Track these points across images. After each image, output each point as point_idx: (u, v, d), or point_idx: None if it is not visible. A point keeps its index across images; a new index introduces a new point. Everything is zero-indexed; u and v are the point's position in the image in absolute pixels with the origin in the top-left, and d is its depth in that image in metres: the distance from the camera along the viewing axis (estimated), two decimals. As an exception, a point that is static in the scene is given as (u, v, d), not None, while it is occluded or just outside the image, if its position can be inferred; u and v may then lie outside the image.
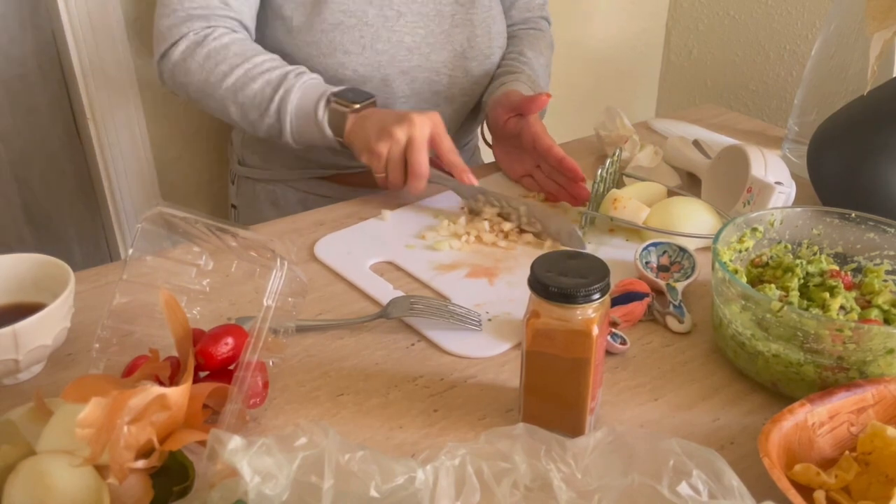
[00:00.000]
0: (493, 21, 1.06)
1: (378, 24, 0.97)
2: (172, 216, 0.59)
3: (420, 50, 1.00)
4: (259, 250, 0.64)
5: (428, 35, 1.00)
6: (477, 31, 1.03)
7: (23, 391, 0.62)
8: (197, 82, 0.93)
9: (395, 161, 0.85)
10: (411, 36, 0.99)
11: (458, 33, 1.02)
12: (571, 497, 0.44)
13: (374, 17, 0.97)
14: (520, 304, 0.60)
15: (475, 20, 1.03)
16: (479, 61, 1.05)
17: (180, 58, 0.92)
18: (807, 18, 1.59)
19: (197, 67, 0.92)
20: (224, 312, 0.71)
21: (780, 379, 0.61)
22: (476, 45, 1.04)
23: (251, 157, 1.12)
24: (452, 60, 1.03)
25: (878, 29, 0.73)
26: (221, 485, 0.43)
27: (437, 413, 0.61)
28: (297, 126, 0.90)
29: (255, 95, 0.90)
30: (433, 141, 0.85)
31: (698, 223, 0.81)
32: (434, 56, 1.01)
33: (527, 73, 1.05)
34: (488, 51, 1.05)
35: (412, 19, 0.99)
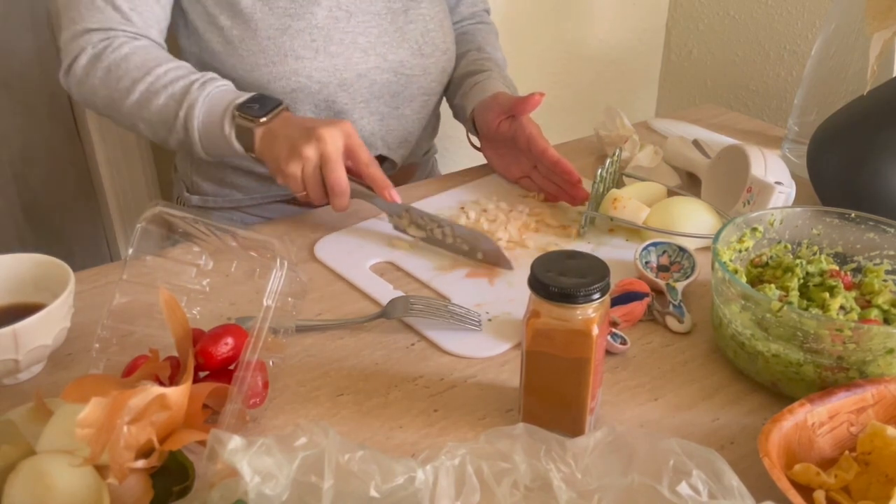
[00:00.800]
0: (444, 15, 1.03)
1: (329, 26, 0.92)
2: (172, 216, 0.59)
3: (375, 49, 0.96)
4: (259, 250, 0.64)
5: (382, 34, 0.96)
6: (430, 25, 1.00)
7: (23, 391, 0.62)
8: (102, 98, 0.88)
9: (311, 180, 0.80)
10: (364, 36, 0.95)
11: (412, 29, 0.98)
12: (571, 497, 0.44)
13: (323, 18, 0.92)
14: (520, 304, 0.60)
15: (427, 15, 1.00)
16: (437, 57, 1.01)
17: (82, 73, 0.87)
18: (807, 18, 1.59)
19: (99, 83, 0.87)
20: (224, 312, 0.71)
21: (780, 379, 0.61)
22: (431, 40, 1.00)
23: (203, 185, 1.04)
24: (410, 59, 0.99)
25: (878, 29, 0.73)
26: (221, 485, 0.43)
27: (437, 413, 0.61)
28: (207, 142, 0.85)
29: (160, 111, 0.85)
30: (349, 154, 0.80)
31: (698, 223, 0.81)
32: (391, 55, 0.97)
33: (495, 70, 1.03)
34: (444, 46, 1.02)
35: (363, 18, 0.95)
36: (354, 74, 0.95)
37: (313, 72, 0.92)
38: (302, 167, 0.79)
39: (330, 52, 0.93)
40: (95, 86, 0.87)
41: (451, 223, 0.80)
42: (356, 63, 0.95)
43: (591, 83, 1.79)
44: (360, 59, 0.95)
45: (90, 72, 0.86)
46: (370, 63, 0.96)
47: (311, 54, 0.92)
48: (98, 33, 0.87)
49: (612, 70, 1.81)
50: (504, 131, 0.94)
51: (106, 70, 0.86)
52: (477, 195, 0.94)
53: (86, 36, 0.87)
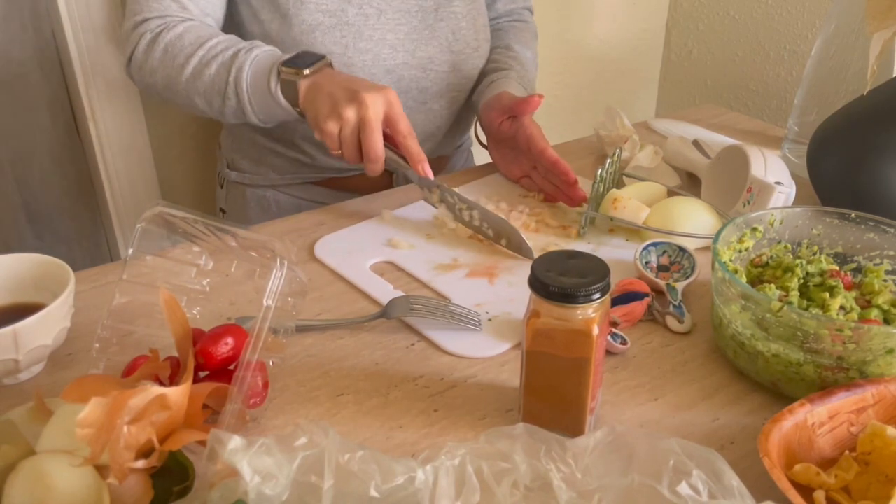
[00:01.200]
0: (477, 13, 1.04)
1: (359, 23, 0.95)
2: (172, 216, 0.59)
3: (404, 46, 0.98)
4: (259, 250, 0.64)
5: (411, 31, 0.98)
6: (461, 23, 1.01)
7: (23, 391, 0.62)
8: (162, 80, 0.91)
9: (348, 142, 0.81)
10: (394, 33, 0.97)
11: (442, 27, 1.00)
12: (571, 497, 0.44)
13: (353, 15, 0.95)
14: (520, 303, 0.60)
15: (459, 13, 1.01)
16: (467, 55, 1.03)
17: (142, 58, 0.91)
18: (807, 18, 1.59)
19: (158, 64, 0.90)
20: (224, 312, 0.71)
21: (780, 379, 0.61)
22: (462, 38, 1.02)
23: (241, 162, 1.09)
24: (439, 56, 1.01)
25: (878, 29, 0.73)
26: (221, 485, 0.43)
27: (437, 413, 0.61)
28: (258, 104, 0.87)
29: (213, 81, 0.87)
30: (388, 122, 0.81)
31: (698, 223, 0.81)
32: (419, 52, 0.99)
33: (516, 69, 1.04)
34: (475, 44, 1.04)
35: (393, 16, 0.97)
36: (382, 70, 0.97)
37: (342, 67, 0.95)
38: (340, 127, 0.80)
39: (359, 48, 0.95)
40: (154, 67, 0.90)
41: (480, 206, 0.82)
42: (384, 59, 0.97)
43: (591, 83, 1.79)
44: (388, 55, 0.97)
45: (149, 55, 0.90)
46: (398, 59, 0.98)
47: (341, 50, 0.94)
48: (155, 20, 0.91)
49: (612, 70, 1.81)
50: (505, 130, 0.95)
51: (163, 50, 0.89)
52: (477, 195, 0.94)
53: (144, 24, 0.91)
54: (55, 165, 1.23)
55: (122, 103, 1.18)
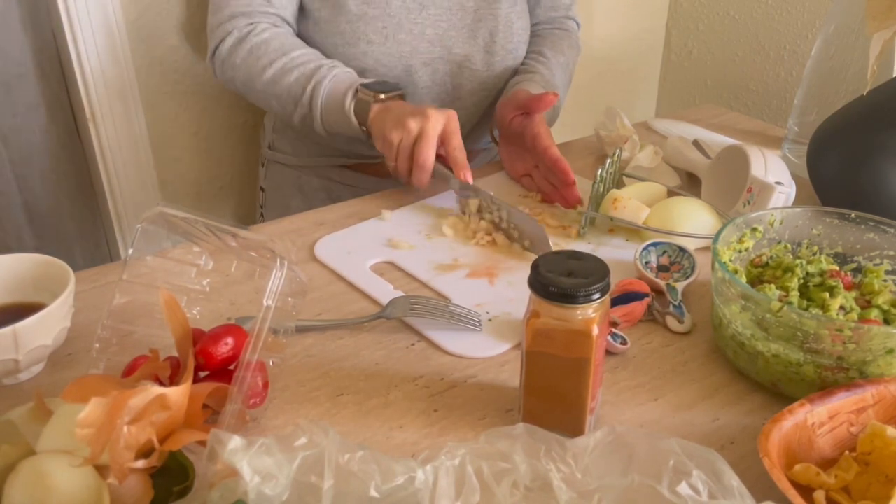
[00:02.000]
0: (516, 17, 1.07)
1: (401, 16, 1.00)
2: (172, 216, 0.59)
3: (442, 42, 1.03)
4: (259, 250, 0.64)
5: (450, 28, 1.03)
6: (500, 25, 1.05)
7: (23, 391, 0.62)
8: (242, 76, 0.99)
9: (404, 151, 0.87)
10: (433, 28, 1.02)
11: (481, 27, 1.04)
12: (571, 497, 0.44)
13: (397, 8, 1.00)
14: (520, 304, 0.60)
15: (499, 15, 1.04)
16: (502, 56, 1.06)
17: (227, 54, 0.98)
18: (807, 18, 1.59)
19: (241, 62, 0.98)
20: (224, 312, 0.71)
21: (780, 379, 0.61)
22: (498, 39, 1.05)
23: (281, 143, 1.16)
24: (475, 54, 1.05)
25: (878, 29, 0.73)
26: (221, 485, 0.43)
27: (437, 413, 0.61)
28: (327, 115, 0.94)
29: (291, 87, 0.95)
30: (444, 136, 0.87)
31: (698, 223, 0.81)
32: (456, 49, 1.04)
33: (542, 72, 1.06)
34: (510, 45, 1.07)
35: (435, 12, 1.02)
36: (420, 62, 1.02)
37: (381, 56, 1.00)
38: (401, 137, 0.86)
39: (399, 39, 1.00)
40: (237, 65, 0.98)
41: (511, 208, 0.84)
42: (422, 52, 1.02)
43: (591, 83, 1.79)
44: (426, 48, 1.02)
45: (234, 52, 0.98)
46: (435, 54, 1.03)
47: (382, 40, 1.00)
48: (243, 18, 0.98)
49: (612, 70, 1.81)
50: (516, 126, 0.96)
51: (248, 51, 0.97)
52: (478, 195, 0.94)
53: (232, 21, 0.98)
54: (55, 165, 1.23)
55: (122, 103, 1.18)
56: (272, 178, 1.18)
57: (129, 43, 1.16)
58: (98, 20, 1.12)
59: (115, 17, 1.13)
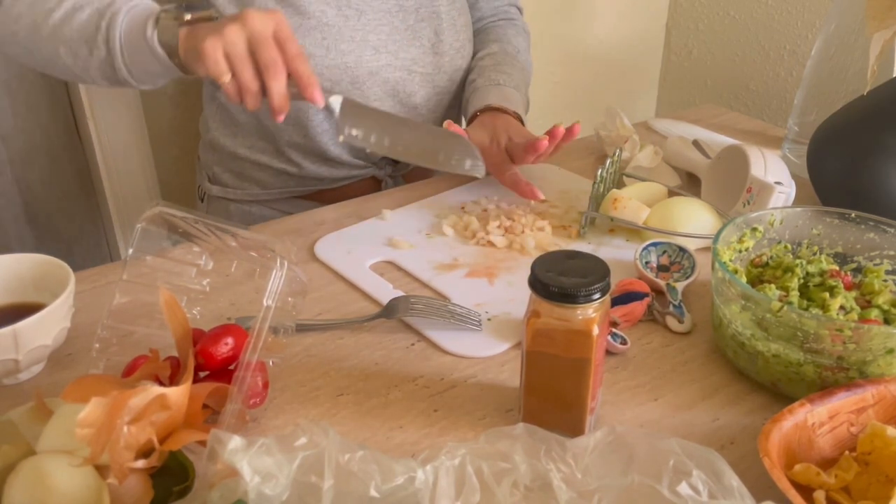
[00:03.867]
0: (458, 13, 1.03)
1: (339, 24, 0.93)
2: (172, 216, 0.59)
3: (387, 48, 0.96)
4: (259, 250, 0.64)
5: (393, 31, 0.97)
6: (444, 23, 1.00)
7: (23, 391, 0.62)
8: (25, 27, 0.81)
9: (240, 57, 0.70)
10: (375, 34, 0.95)
11: (424, 27, 0.99)
12: (571, 497, 0.44)
13: (333, 17, 0.93)
14: (520, 303, 0.60)
15: (440, 12, 1.00)
16: (451, 56, 1.02)
17: (9, 3, 0.82)
18: (807, 18, 1.59)
19: (26, 9, 0.81)
20: (224, 312, 0.71)
21: (780, 379, 0.61)
22: (445, 38, 1.00)
23: (222, 175, 1.06)
24: (422, 57, 0.99)
25: (878, 29, 0.73)
26: (221, 485, 0.43)
27: (437, 413, 0.61)
28: (129, 53, 0.78)
29: (83, 26, 0.79)
30: (277, 41, 0.71)
31: (698, 223, 0.81)
32: (402, 53, 0.98)
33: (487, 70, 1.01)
34: (458, 44, 1.02)
35: (374, 17, 0.95)
36: (366, 72, 0.96)
37: (324, 69, 0.93)
38: (224, 44, 0.69)
39: (341, 49, 0.93)
40: (21, 13, 0.81)
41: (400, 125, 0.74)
42: (367, 61, 0.95)
43: (591, 83, 1.79)
44: (371, 56, 0.95)
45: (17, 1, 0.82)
46: (381, 61, 0.96)
47: (323, 52, 0.92)
48: None
49: (612, 70, 1.81)
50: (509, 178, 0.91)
51: None
52: (477, 195, 0.94)
53: None
54: (55, 165, 1.23)
55: (122, 103, 1.18)
56: (215, 213, 1.06)
57: (129, 43, 1.16)
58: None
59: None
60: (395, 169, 1.07)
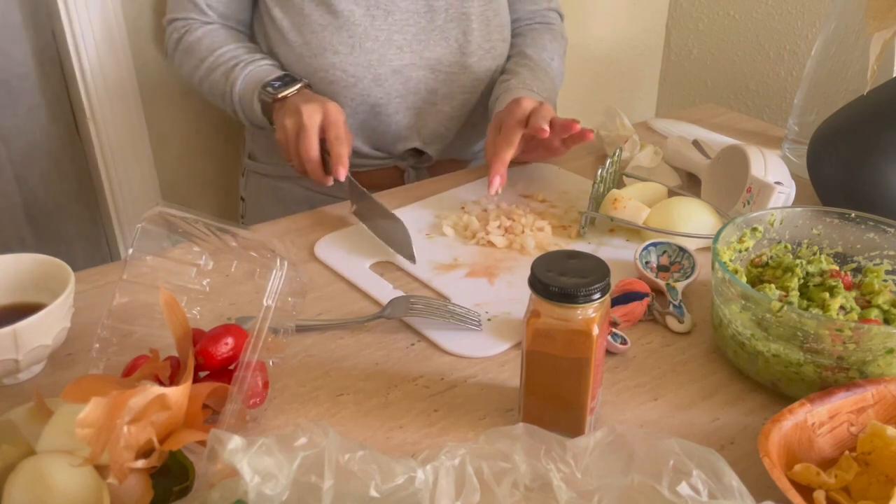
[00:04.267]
0: (493, 14, 1.03)
1: (366, 24, 0.97)
2: (172, 216, 0.59)
3: (411, 47, 0.99)
4: (259, 250, 0.64)
5: (419, 32, 0.99)
6: (473, 24, 1.01)
7: (23, 391, 0.62)
8: (185, 75, 1.04)
9: (292, 148, 0.89)
10: (401, 34, 0.98)
11: (452, 28, 1.00)
12: (571, 497, 0.44)
13: (361, 16, 0.97)
14: (520, 303, 0.60)
15: (471, 13, 1.01)
16: (479, 56, 1.03)
17: (170, 54, 1.05)
18: (807, 18, 1.59)
19: (179, 63, 1.04)
20: (224, 312, 0.71)
21: (780, 379, 0.61)
22: (473, 39, 1.01)
23: (258, 152, 1.15)
24: (448, 56, 1.01)
25: (878, 29, 0.73)
26: (221, 485, 0.43)
27: (437, 413, 0.61)
28: (248, 115, 0.97)
29: (216, 86, 0.99)
30: (323, 129, 0.87)
31: (698, 223, 0.81)
32: (427, 53, 1.00)
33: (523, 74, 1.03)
34: (487, 45, 1.03)
35: (402, 17, 0.98)
36: (389, 70, 0.99)
37: (348, 66, 0.98)
38: (284, 136, 0.89)
39: (365, 48, 0.98)
40: (180, 64, 1.04)
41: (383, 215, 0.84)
42: (391, 59, 0.99)
43: (591, 83, 1.79)
44: (394, 55, 0.99)
45: (175, 52, 1.04)
46: (405, 60, 1.00)
47: (348, 50, 0.97)
48: (180, 22, 1.03)
49: (612, 70, 1.81)
50: None
51: (184, 51, 1.02)
52: (478, 195, 0.94)
53: (172, 24, 1.04)
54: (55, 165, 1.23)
55: (122, 103, 1.18)
56: (252, 188, 1.16)
57: (129, 43, 1.16)
58: (98, 20, 1.12)
59: (115, 17, 1.13)
60: (418, 161, 1.09)
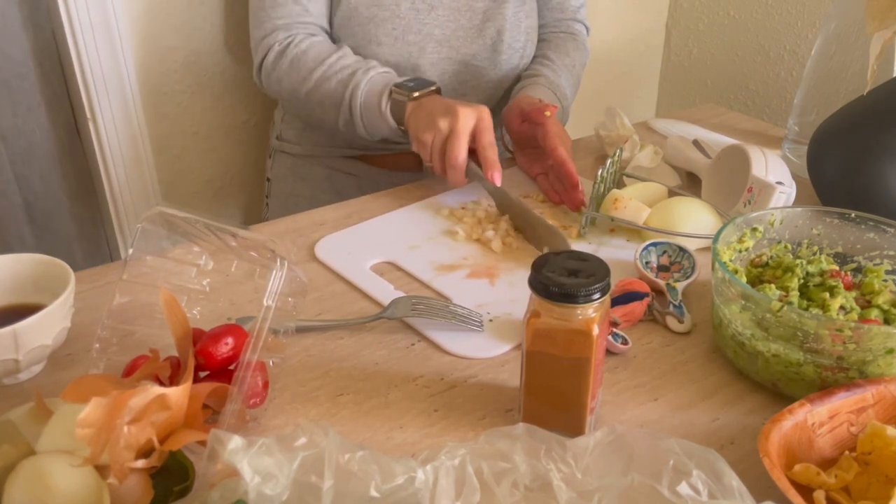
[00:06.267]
0: (524, 16, 1.08)
1: (410, 17, 1.02)
2: (172, 216, 0.59)
3: (450, 43, 1.05)
4: (259, 250, 0.64)
5: (458, 28, 1.05)
6: (507, 24, 1.06)
7: (23, 391, 0.62)
8: (286, 90, 1.02)
9: (437, 151, 0.89)
10: (441, 29, 1.04)
11: (489, 27, 1.06)
12: (571, 497, 0.44)
13: (406, 10, 1.02)
14: (521, 304, 0.60)
15: (507, 14, 1.06)
16: (509, 55, 1.08)
17: (270, 67, 1.02)
18: (807, 18, 1.59)
19: (283, 76, 1.01)
20: (224, 312, 0.71)
21: (780, 379, 0.61)
22: (505, 38, 1.06)
23: (288, 133, 1.17)
24: (482, 52, 1.06)
25: (878, 29, 0.73)
26: (221, 485, 0.43)
27: (437, 413, 0.61)
28: (368, 119, 0.97)
29: (331, 94, 0.98)
30: (475, 134, 0.88)
31: (699, 223, 0.81)
32: (464, 49, 1.06)
33: (546, 75, 1.07)
34: (518, 44, 1.08)
35: (443, 13, 1.04)
36: (427, 62, 1.05)
37: (389, 57, 1.03)
38: (433, 137, 0.88)
39: (407, 40, 1.03)
40: (280, 77, 1.02)
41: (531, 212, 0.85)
42: (429, 53, 1.05)
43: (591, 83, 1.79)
44: (433, 49, 1.05)
45: (276, 65, 1.02)
46: (443, 54, 1.05)
47: (391, 41, 1.02)
48: (282, 31, 1.01)
49: (612, 70, 1.81)
50: (525, 131, 0.98)
51: (290, 63, 1.00)
52: (478, 195, 0.94)
53: (273, 34, 1.01)
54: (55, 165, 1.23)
55: (122, 103, 1.18)
56: (278, 167, 1.19)
57: (129, 43, 1.16)
58: (98, 20, 1.12)
59: (115, 17, 1.13)
60: None
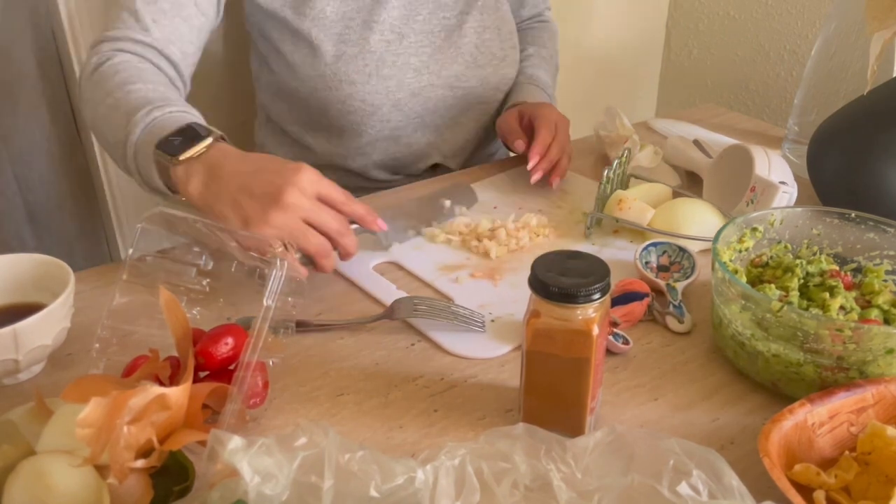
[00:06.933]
0: (502, 22, 1.03)
1: (381, 50, 0.94)
2: (172, 216, 0.59)
3: (428, 68, 0.97)
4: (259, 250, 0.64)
5: (435, 52, 0.98)
6: (485, 35, 1.01)
7: (23, 391, 0.62)
8: (87, 112, 0.81)
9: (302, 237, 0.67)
10: (417, 56, 0.96)
11: (466, 43, 0.99)
12: (571, 497, 0.44)
13: (376, 42, 0.93)
14: (523, 305, 0.60)
15: (483, 24, 1.01)
16: (494, 66, 1.02)
17: (81, 80, 0.82)
18: (807, 18, 1.59)
19: (88, 96, 0.80)
20: (224, 312, 0.71)
21: (780, 379, 0.61)
22: (487, 49, 1.01)
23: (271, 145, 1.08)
24: (465, 71, 1.00)
25: (878, 29, 0.73)
26: (221, 485, 0.43)
27: (437, 413, 0.61)
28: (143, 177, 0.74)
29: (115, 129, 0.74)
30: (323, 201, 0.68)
31: (703, 225, 0.81)
32: (445, 71, 0.99)
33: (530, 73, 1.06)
34: (501, 53, 1.03)
35: (416, 39, 0.96)
36: (408, 94, 0.97)
37: (367, 95, 0.94)
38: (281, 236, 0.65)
39: (383, 74, 0.94)
40: (84, 98, 0.81)
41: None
42: (409, 83, 0.96)
43: (591, 83, 1.79)
44: (412, 78, 0.97)
45: (87, 80, 0.81)
46: (423, 81, 0.98)
47: (364, 78, 0.93)
48: (108, 44, 0.82)
49: (612, 70, 1.81)
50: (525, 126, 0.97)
51: (96, 81, 0.79)
52: (496, 191, 0.94)
53: (97, 46, 0.82)
54: (55, 165, 1.23)
55: (122, 103, 1.18)
56: None
57: (129, 43, 1.16)
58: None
59: (115, 17, 1.13)
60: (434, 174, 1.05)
